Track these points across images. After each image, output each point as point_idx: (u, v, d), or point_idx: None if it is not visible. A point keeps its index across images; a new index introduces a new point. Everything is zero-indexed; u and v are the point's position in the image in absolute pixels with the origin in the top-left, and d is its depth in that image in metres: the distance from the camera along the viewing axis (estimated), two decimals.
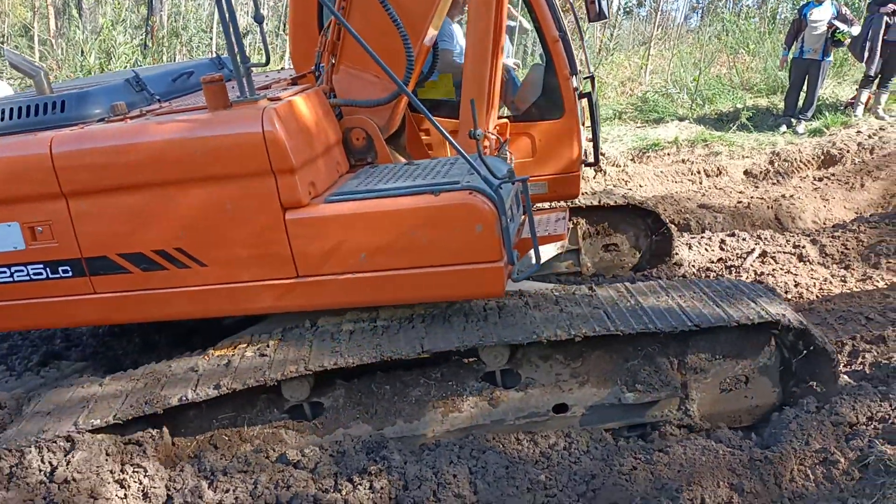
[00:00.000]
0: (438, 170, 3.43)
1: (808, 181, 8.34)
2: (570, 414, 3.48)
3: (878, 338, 4.31)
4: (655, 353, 3.44)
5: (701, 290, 3.58)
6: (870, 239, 6.15)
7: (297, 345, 3.43)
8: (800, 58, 9.68)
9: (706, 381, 3.45)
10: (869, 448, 2.96)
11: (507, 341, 3.24)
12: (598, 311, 3.41)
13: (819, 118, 9.83)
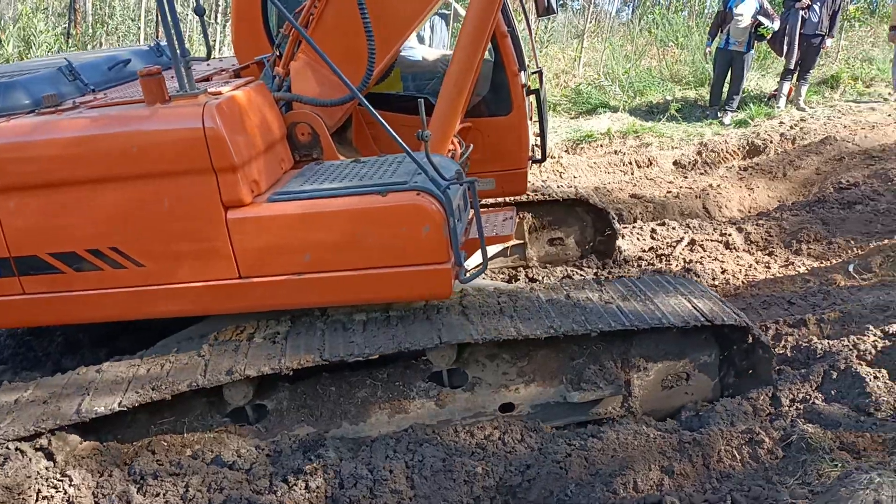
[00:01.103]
0: (385, 169, 3.37)
1: (734, 171, 8.65)
2: (516, 413, 3.52)
3: (800, 321, 4.53)
4: (600, 352, 3.50)
5: (646, 288, 3.64)
6: (792, 226, 6.44)
7: (232, 349, 3.36)
8: (725, 49, 10.03)
9: (648, 379, 3.53)
10: (791, 427, 3.11)
11: (453, 341, 3.22)
12: (544, 310, 3.43)
13: (744, 110, 10.21)
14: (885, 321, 4.28)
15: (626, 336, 3.46)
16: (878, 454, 2.91)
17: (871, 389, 3.48)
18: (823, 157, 8.55)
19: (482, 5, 3.50)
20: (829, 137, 8.96)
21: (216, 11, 15.33)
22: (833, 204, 7.00)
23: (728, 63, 10.09)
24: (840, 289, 5.16)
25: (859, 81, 11.14)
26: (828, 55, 11.35)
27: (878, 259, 5.49)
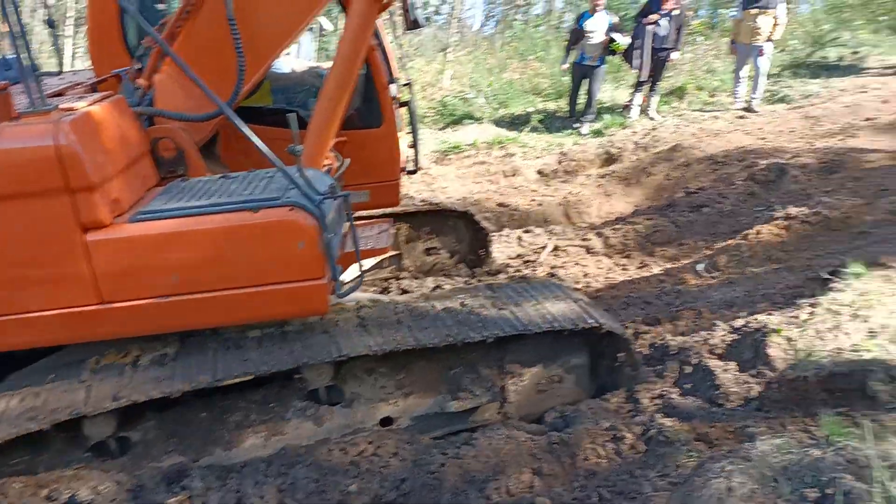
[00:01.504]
0: (257, 184, 3.26)
1: (593, 179, 9.08)
2: (395, 426, 3.50)
3: (655, 320, 4.82)
4: (478, 361, 3.53)
5: (518, 294, 3.71)
6: (646, 230, 6.84)
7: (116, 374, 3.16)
8: (580, 63, 10.54)
9: (523, 384, 3.61)
10: (651, 422, 3.25)
11: (330, 359, 3.18)
12: (422, 321, 3.43)
13: (600, 120, 10.76)
14: (733, 316, 4.63)
15: (502, 343, 3.51)
16: (730, 442, 3.13)
17: (721, 382, 3.76)
18: (673, 164, 9.13)
19: (360, 20, 3.48)
20: (678, 145, 9.58)
21: (68, 21, 14.42)
22: (683, 207, 7.48)
23: (583, 76, 10.60)
24: (691, 287, 5.53)
25: (704, 92, 11.98)
26: (675, 67, 12.14)
27: (724, 258, 5.92)
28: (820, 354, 3.87)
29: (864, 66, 12.64)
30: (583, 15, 10.59)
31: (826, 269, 4.96)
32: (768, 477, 2.40)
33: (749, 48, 10.81)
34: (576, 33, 10.53)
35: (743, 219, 6.91)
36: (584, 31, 10.32)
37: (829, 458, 2.50)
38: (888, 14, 14.43)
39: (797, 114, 10.55)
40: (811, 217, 6.15)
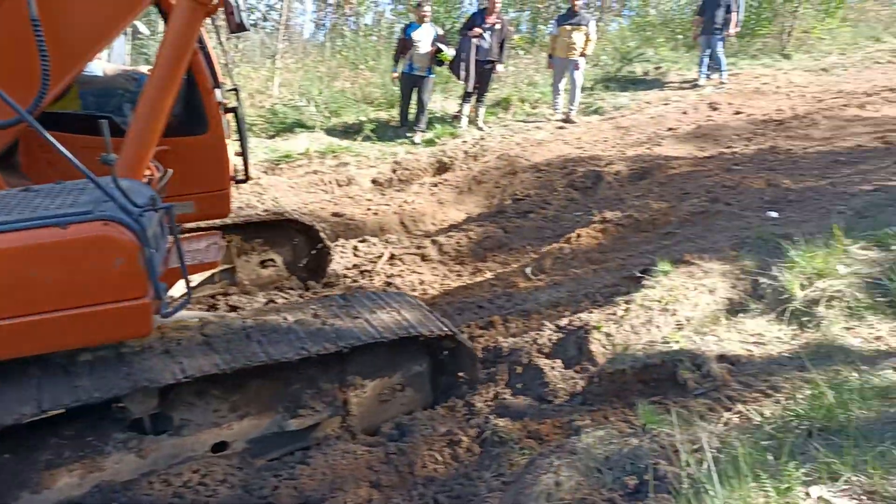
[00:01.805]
0: (65, 198, 2.94)
1: (427, 187, 9.24)
2: (230, 451, 3.33)
3: (489, 323, 4.99)
4: (317, 375, 3.45)
5: (357, 305, 3.67)
6: (478, 236, 7.05)
7: None
8: (409, 73, 10.69)
9: (365, 395, 3.57)
10: (485, 424, 3.34)
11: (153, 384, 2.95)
12: (257, 337, 3.29)
13: (431, 129, 10.96)
14: (558, 316, 4.88)
15: (343, 355, 3.45)
16: (559, 437, 3.30)
17: (549, 379, 3.93)
18: (501, 172, 9.49)
19: (184, 23, 3.29)
20: (504, 154, 9.97)
21: None
22: (511, 214, 7.80)
23: (412, 86, 10.76)
24: (521, 290, 5.75)
25: (526, 103, 12.56)
26: (500, 79, 12.63)
27: (550, 261, 6.22)
28: (635, 348, 4.16)
29: (666, 80, 13.81)
30: (410, 25, 10.77)
31: (638, 267, 5.34)
32: (592, 468, 2.54)
33: (565, 62, 11.47)
34: (402, 43, 10.67)
35: (565, 223, 7.30)
36: (411, 42, 10.48)
37: (645, 446, 2.68)
38: (683, 33, 15.85)
39: (610, 124, 11.32)
40: (624, 220, 6.60)
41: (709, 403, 3.37)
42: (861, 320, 4.01)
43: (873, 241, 4.82)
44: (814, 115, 10.51)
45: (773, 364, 3.74)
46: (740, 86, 13.09)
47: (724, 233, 5.99)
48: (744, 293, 4.64)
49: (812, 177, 7.44)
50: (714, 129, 10.50)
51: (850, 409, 2.79)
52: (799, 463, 2.34)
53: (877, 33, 16.96)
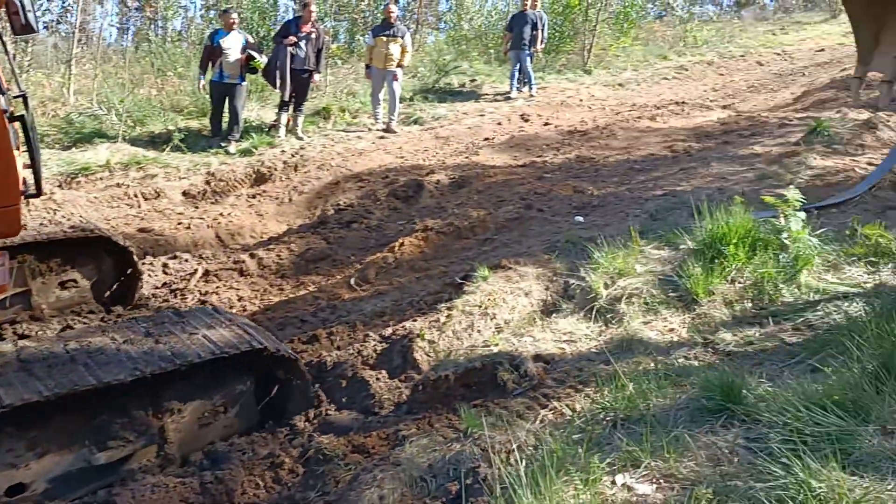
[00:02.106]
0: None
1: (244, 199, 8.94)
2: (28, 493, 2.98)
3: (312, 337, 4.90)
4: (128, 403, 3.19)
5: (170, 325, 3.47)
6: (300, 248, 6.91)
7: None
8: (219, 82, 10.29)
9: (183, 420, 3.36)
10: (309, 442, 3.28)
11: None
12: (61, 364, 3.02)
13: (247, 139, 10.62)
14: (383, 326, 4.89)
15: (158, 379, 3.21)
16: (384, 449, 3.29)
17: (374, 390, 3.92)
18: (322, 182, 9.39)
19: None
20: (325, 164, 9.88)
21: None
22: (334, 224, 7.72)
23: (224, 94, 10.38)
24: (345, 301, 5.70)
25: (347, 113, 12.52)
26: (318, 88, 12.50)
27: (374, 270, 6.23)
28: (458, 353, 4.26)
29: (481, 92, 14.35)
30: (217, 32, 10.39)
31: (459, 274, 5.48)
32: (416, 478, 2.55)
33: (383, 73, 11.59)
34: (209, 51, 10.27)
35: (388, 232, 7.35)
36: (220, 49, 10.11)
37: (467, 450, 2.74)
38: (495, 48, 16.56)
39: (429, 134, 11.57)
40: (445, 228, 6.76)
41: (527, 402, 3.52)
42: (657, 314, 4.37)
43: (664, 241, 5.27)
44: (612, 127, 11.36)
45: (582, 360, 3.98)
46: (548, 98, 13.89)
47: (538, 238, 6.30)
48: (556, 294, 4.90)
49: (612, 183, 8.03)
50: (526, 140, 11.04)
51: (648, 398, 3.02)
52: (604, 453, 2.49)
53: (664, 52, 18.67)
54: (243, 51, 10.23)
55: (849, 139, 8.04)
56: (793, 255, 4.50)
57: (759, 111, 11.90)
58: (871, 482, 2.17)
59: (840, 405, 2.54)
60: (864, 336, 3.16)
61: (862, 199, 6.03)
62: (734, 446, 2.52)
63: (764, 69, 16.91)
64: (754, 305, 4.24)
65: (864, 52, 7.27)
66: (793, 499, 2.08)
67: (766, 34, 21.01)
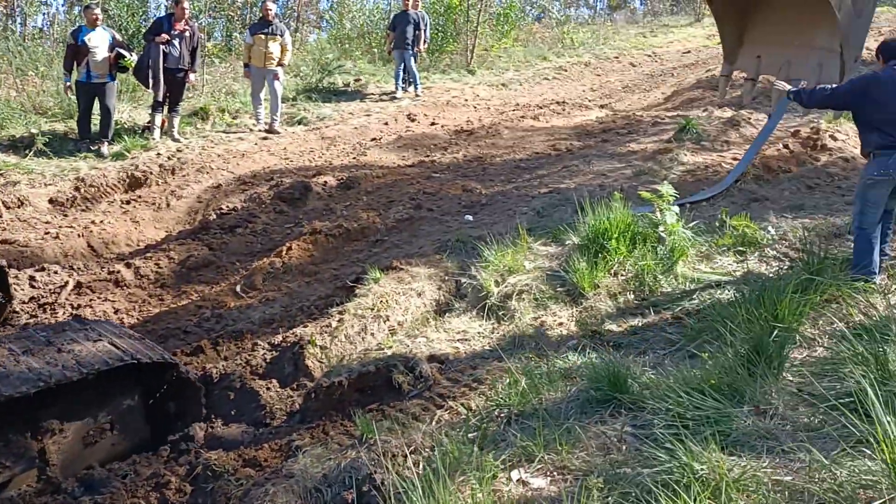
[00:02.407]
0: None
1: (118, 205, 8.45)
2: None
3: (197, 349, 4.70)
4: (3, 425, 2.97)
5: (45, 341, 3.25)
6: (180, 255, 6.60)
7: None
8: (87, 82, 9.70)
9: (66, 440, 3.15)
10: (196, 459, 3.15)
11: None
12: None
13: (120, 141, 10.07)
14: (272, 333, 4.76)
15: (35, 399, 3.01)
16: (277, 461, 3.20)
17: (265, 401, 3.80)
18: (203, 186, 9.02)
19: None
20: (205, 166, 9.50)
21: None
22: (216, 229, 7.43)
23: (93, 95, 9.79)
24: (231, 310, 5.51)
25: (226, 113, 12.09)
26: (195, 88, 12.02)
27: (261, 276, 6.05)
28: (351, 358, 4.21)
29: (366, 91, 14.24)
30: (81, 29, 9.76)
31: (350, 277, 5.42)
32: (310, 489, 2.49)
33: (263, 72, 11.29)
34: (73, 49, 9.64)
35: (275, 237, 7.16)
36: (86, 48, 9.52)
37: (363, 457, 2.70)
38: (379, 47, 16.50)
39: (315, 135, 11.36)
40: (334, 230, 6.66)
41: (422, 404, 3.51)
42: (546, 309, 4.47)
43: (551, 237, 5.41)
44: (497, 126, 11.55)
45: (476, 358, 4.02)
46: (434, 98, 13.96)
47: (428, 237, 6.32)
48: (448, 293, 4.93)
49: (500, 182, 8.16)
50: (414, 140, 11.05)
51: (540, 392, 3.09)
52: (499, 450, 2.52)
53: (543, 53, 19.18)
54: (111, 48, 9.68)
55: (715, 136, 8.54)
56: (669, 247, 4.73)
57: (633, 110, 12.44)
58: (748, 461, 2.30)
59: (717, 389, 2.68)
60: (735, 322, 3.35)
61: (729, 192, 6.42)
62: (622, 434, 2.60)
63: (637, 70, 17.70)
64: (636, 296, 4.42)
65: (729, 51, 7.74)
66: (677, 482, 2.17)
67: (637, 36, 22.00)
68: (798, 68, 6.80)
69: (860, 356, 2.90)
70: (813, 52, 6.66)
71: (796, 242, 4.92)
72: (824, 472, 2.19)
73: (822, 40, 6.48)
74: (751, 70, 7.54)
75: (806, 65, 6.69)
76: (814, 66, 6.55)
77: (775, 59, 7.08)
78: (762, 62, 7.34)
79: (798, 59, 6.81)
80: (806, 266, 4.13)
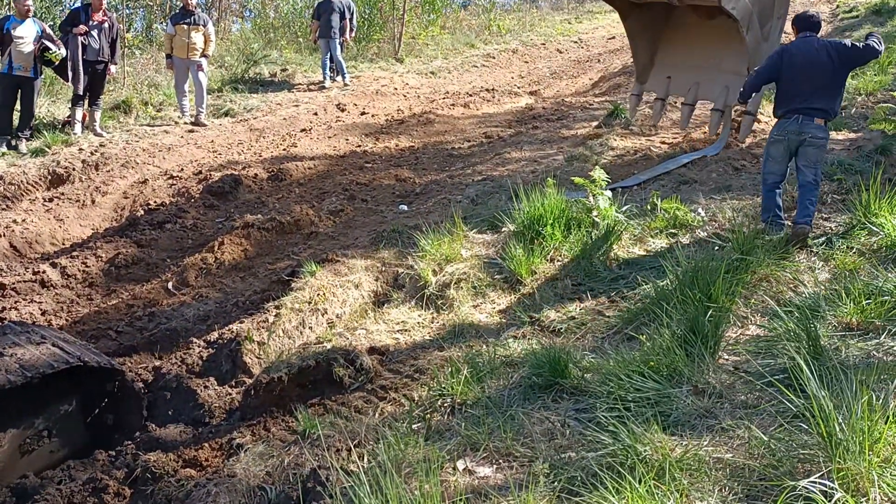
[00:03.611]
0: None
1: (39, 203, 8.11)
2: None
3: (129, 349, 4.57)
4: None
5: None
6: (108, 253, 6.39)
7: None
8: (9, 74, 9.28)
9: (1, 449, 3.04)
10: (134, 462, 3.08)
11: None
12: None
13: (39, 137, 9.66)
14: (207, 330, 4.66)
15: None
16: (219, 460, 3.14)
17: (203, 399, 3.72)
18: (129, 181, 8.74)
19: None
20: (130, 161, 9.19)
21: None
22: (145, 226, 7.21)
23: (15, 88, 9.37)
24: (164, 308, 5.36)
25: (150, 106, 11.73)
26: (116, 81, 11.61)
27: (193, 272, 5.90)
28: (290, 353, 4.15)
29: (293, 82, 14.01)
30: (8, 18, 9.31)
31: (286, 271, 5.34)
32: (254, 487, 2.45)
33: (186, 63, 10.98)
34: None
35: (206, 231, 7.00)
36: (10, 37, 9.09)
37: (307, 452, 2.68)
38: (304, 36, 16.25)
39: (243, 126, 11.13)
40: (267, 223, 6.55)
41: (364, 396, 3.50)
42: (485, 297, 4.51)
43: (487, 225, 5.45)
44: (428, 115, 11.54)
45: (417, 349, 4.03)
46: (363, 87, 13.84)
47: (364, 228, 6.28)
48: (386, 284, 4.91)
49: (433, 171, 8.17)
50: (344, 130, 10.94)
51: (483, 380, 3.11)
52: (445, 440, 2.53)
53: (471, 40, 19.23)
54: (38, 41, 9.26)
55: (643, 121, 8.74)
56: (603, 231, 4.82)
57: (562, 96, 12.61)
58: (689, 440, 2.38)
59: (656, 370, 2.75)
60: (671, 303, 3.45)
61: (659, 176, 6.58)
62: (565, 419, 2.65)
63: (564, 56, 17.94)
64: (573, 282, 4.50)
65: (641, 70, 7.95)
66: (622, 464, 2.22)
67: (563, 23, 22.28)
68: (706, 90, 7.07)
69: (792, 333, 3.02)
70: (721, 74, 6.93)
71: (725, 223, 5.08)
72: (763, 448, 2.28)
73: (730, 63, 6.76)
74: (660, 90, 7.76)
75: (713, 87, 6.95)
76: (721, 88, 6.82)
77: (684, 81, 7.34)
78: (671, 83, 7.58)
79: (706, 81, 7.08)
80: (736, 246, 4.27)
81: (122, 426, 3.50)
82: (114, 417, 3.52)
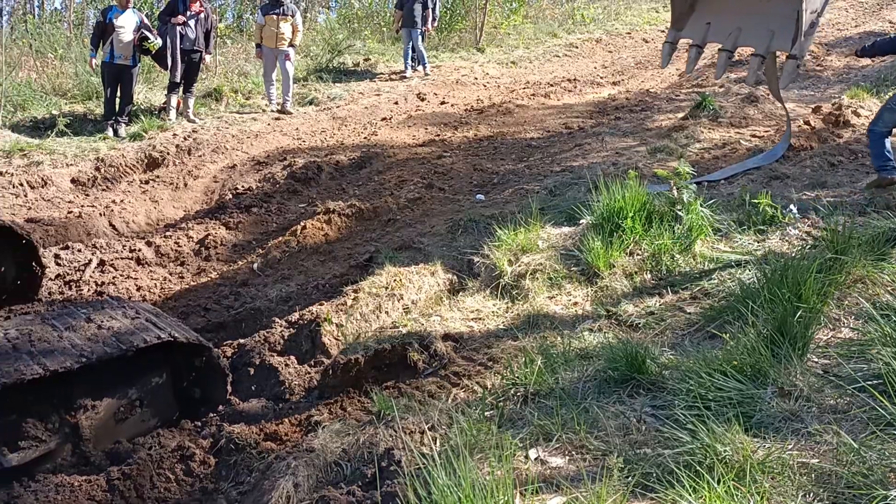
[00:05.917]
0: None
1: (136, 185, 8.52)
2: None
3: (216, 325, 4.76)
4: (39, 400, 3.02)
5: (85, 318, 3.33)
6: (198, 234, 6.67)
7: None
8: (111, 63, 9.75)
9: (98, 416, 3.21)
10: (219, 433, 3.21)
11: None
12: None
13: (137, 122, 10.12)
14: (289, 311, 4.80)
15: (68, 375, 3.07)
16: (297, 436, 3.25)
17: (284, 377, 3.85)
18: (219, 166, 9.08)
19: None
20: (220, 147, 9.54)
21: None
22: (233, 209, 7.48)
23: (117, 77, 9.85)
24: (249, 288, 5.56)
25: (239, 94, 12.11)
26: (208, 69, 12.03)
27: (277, 255, 6.10)
28: (366, 335, 4.24)
29: (376, 71, 14.20)
30: (111, 9, 9.79)
31: (364, 256, 5.45)
32: (330, 463, 2.53)
33: (275, 52, 11.27)
34: (101, 27, 9.69)
35: (289, 216, 7.20)
36: (112, 27, 9.56)
37: (381, 432, 2.74)
38: (387, 26, 16.40)
39: (326, 115, 11.36)
40: (347, 210, 6.69)
41: (438, 382, 3.55)
42: (560, 289, 4.48)
43: (564, 216, 5.41)
44: (508, 105, 11.49)
45: (491, 337, 4.05)
46: (443, 77, 13.89)
47: (441, 217, 6.33)
48: (461, 273, 4.94)
49: (511, 161, 8.15)
50: (423, 119, 11.02)
51: (556, 372, 3.11)
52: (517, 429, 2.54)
53: (553, 30, 18.99)
54: (137, 31, 9.71)
55: (733, 112, 8.46)
56: (687, 226, 4.71)
57: (647, 87, 12.33)
58: (773, 443, 2.31)
59: (739, 370, 2.68)
60: (757, 302, 3.34)
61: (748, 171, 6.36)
62: (641, 415, 2.62)
63: (649, 46, 17.49)
64: (653, 276, 4.42)
65: (677, 16, 7.24)
66: (700, 463, 2.18)
67: (649, 11, 21.71)
68: (748, 35, 6.41)
69: (888, 337, 2.88)
70: (767, 18, 6.27)
71: (819, 221, 4.88)
72: (853, 455, 2.19)
73: (777, 6, 6.13)
74: (698, 36, 7.08)
75: (757, 32, 6.33)
76: (766, 32, 6.20)
77: (725, 26, 6.60)
78: (710, 29, 6.91)
79: (749, 26, 6.43)
80: (830, 245, 4.08)
81: (207, 399, 3.65)
82: (200, 391, 3.68)
